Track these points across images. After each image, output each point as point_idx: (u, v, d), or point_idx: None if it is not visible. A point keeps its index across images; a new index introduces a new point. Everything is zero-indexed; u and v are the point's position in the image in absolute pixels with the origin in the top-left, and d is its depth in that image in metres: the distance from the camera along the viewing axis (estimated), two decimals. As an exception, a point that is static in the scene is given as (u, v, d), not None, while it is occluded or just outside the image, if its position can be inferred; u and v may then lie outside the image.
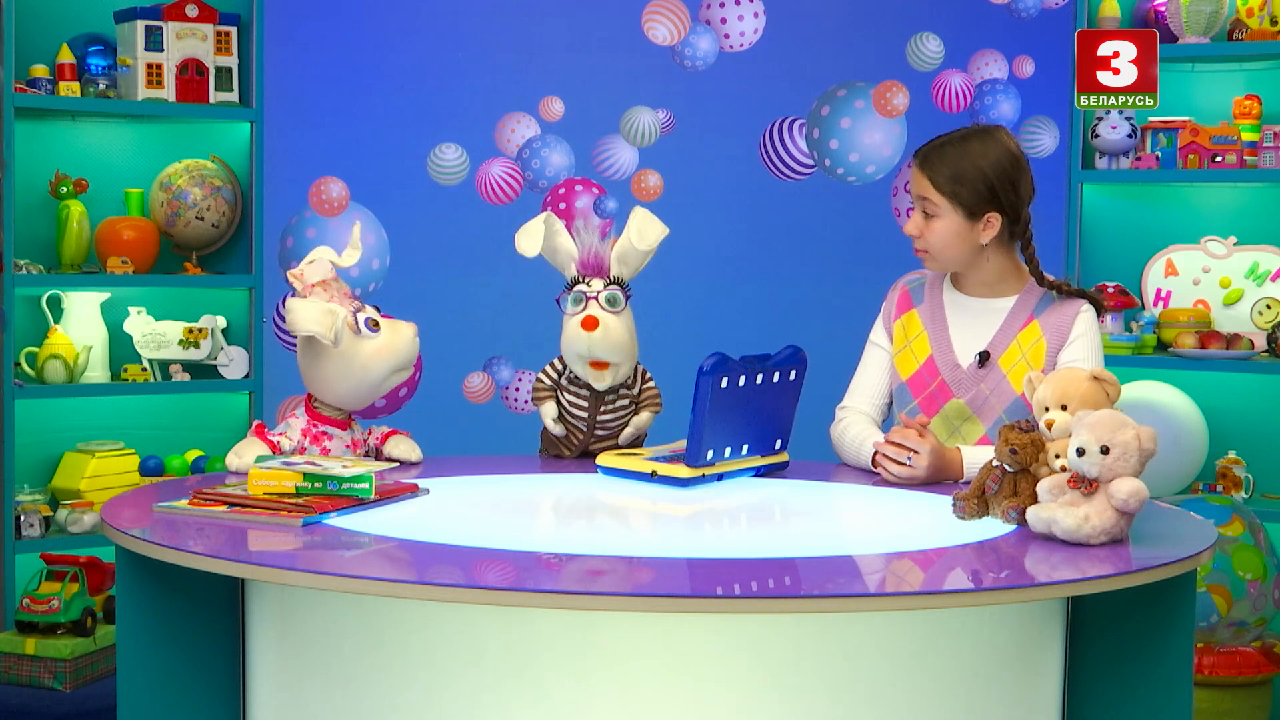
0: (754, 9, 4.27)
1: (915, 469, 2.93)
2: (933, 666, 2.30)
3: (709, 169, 4.74)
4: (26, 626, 3.77)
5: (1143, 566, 2.29)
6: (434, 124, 4.63)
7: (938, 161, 3.11)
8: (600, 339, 3.04)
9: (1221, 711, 4.21)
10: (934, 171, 3.11)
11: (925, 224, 3.12)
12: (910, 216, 3.17)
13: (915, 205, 3.15)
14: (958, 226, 3.10)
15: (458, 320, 4.60)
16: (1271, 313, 4.58)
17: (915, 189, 3.15)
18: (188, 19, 4.41)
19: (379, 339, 2.97)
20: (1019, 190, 3.11)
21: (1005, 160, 3.11)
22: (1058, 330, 3.10)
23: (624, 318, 3.09)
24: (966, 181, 3.08)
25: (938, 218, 3.11)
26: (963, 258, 3.14)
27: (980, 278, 3.17)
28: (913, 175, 3.16)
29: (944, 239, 3.11)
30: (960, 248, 3.12)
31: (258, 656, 2.53)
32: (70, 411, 4.44)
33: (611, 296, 3.08)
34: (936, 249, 3.13)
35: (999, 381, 3.10)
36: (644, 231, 3.09)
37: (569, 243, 3.12)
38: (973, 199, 3.08)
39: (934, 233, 3.12)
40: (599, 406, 3.13)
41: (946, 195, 3.09)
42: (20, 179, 4.27)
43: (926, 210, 3.12)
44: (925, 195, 3.11)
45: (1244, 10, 4.60)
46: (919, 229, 3.13)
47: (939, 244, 3.12)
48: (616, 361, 3.08)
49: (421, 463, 3.08)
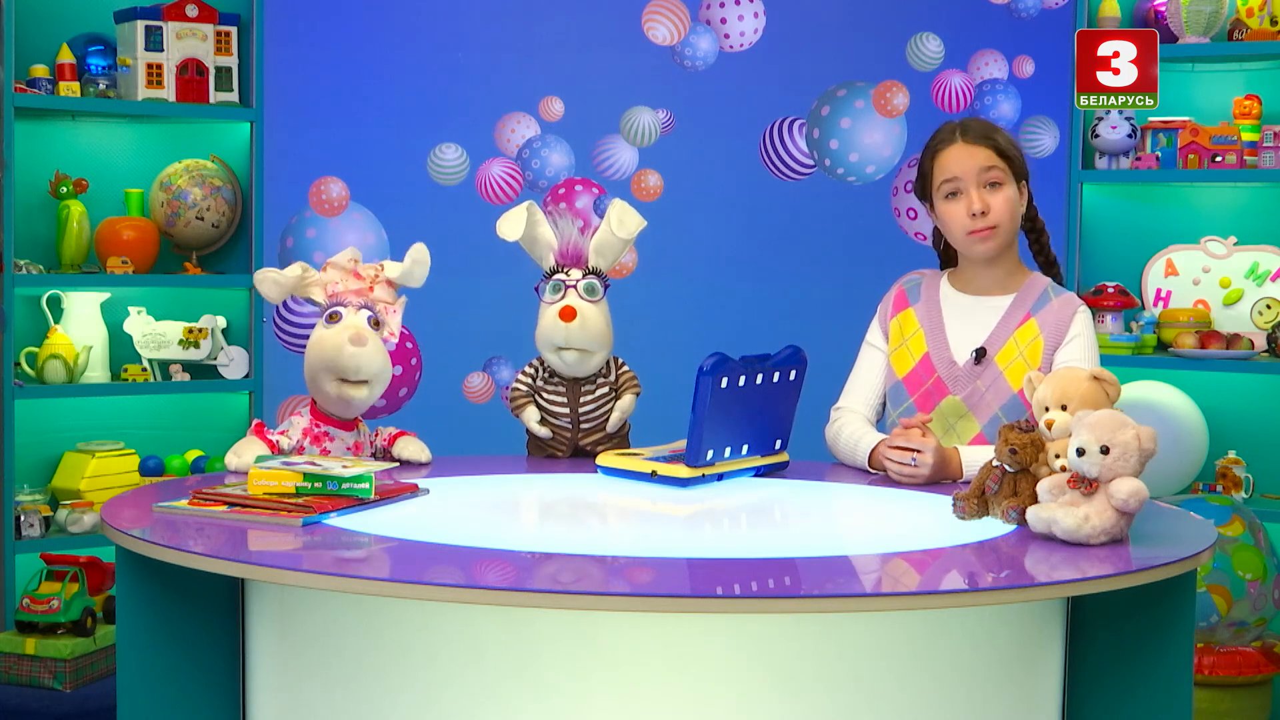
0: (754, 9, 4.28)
1: (920, 469, 2.93)
2: (932, 666, 2.30)
3: (709, 169, 4.74)
4: (26, 626, 3.77)
5: (1143, 566, 2.29)
6: (434, 124, 4.63)
7: (991, 130, 3.15)
8: (578, 329, 3.09)
9: (1221, 711, 4.21)
10: (994, 138, 3.12)
11: (991, 196, 3.11)
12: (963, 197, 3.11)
13: (971, 183, 3.10)
14: (1016, 196, 3.13)
15: (458, 320, 4.60)
16: (1271, 313, 4.58)
17: (973, 162, 3.10)
18: (188, 19, 4.41)
19: (321, 331, 2.96)
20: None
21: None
22: (1055, 328, 3.10)
23: (601, 308, 3.13)
24: (1013, 147, 3.15)
25: (1003, 186, 3.11)
26: (1014, 235, 3.16)
27: (995, 270, 3.16)
28: (963, 152, 3.12)
29: (1012, 209, 3.12)
30: (1017, 220, 3.15)
31: (258, 656, 2.53)
32: (70, 411, 4.44)
33: (590, 285, 3.12)
34: (1006, 221, 3.11)
35: (995, 378, 3.10)
36: (624, 220, 3.13)
37: (549, 233, 3.16)
38: (1020, 165, 3.15)
39: (1006, 202, 3.11)
40: (578, 397, 3.14)
41: (1009, 160, 3.12)
42: (20, 179, 4.27)
43: (993, 180, 3.11)
44: (992, 164, 3.10)
45: (1244, 10, 4.59)
46: (986, 204, 3.10)
47: (1008, 214, 3.11)
48: (592, 350, 3.11)
49: (431, 463, 3.08)
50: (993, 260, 3.15)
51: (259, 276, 2.98)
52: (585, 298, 3.11)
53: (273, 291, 2.98)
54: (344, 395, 2.94)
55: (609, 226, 3.13)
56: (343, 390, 2.94)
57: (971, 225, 3.11)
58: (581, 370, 3.14)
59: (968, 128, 3.16)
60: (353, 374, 2.92)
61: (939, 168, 3.15)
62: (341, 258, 3.02)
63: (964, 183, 3.11)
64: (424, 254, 3.04)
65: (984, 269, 3.17)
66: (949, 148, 3.15)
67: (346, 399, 2.95)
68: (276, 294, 2.99)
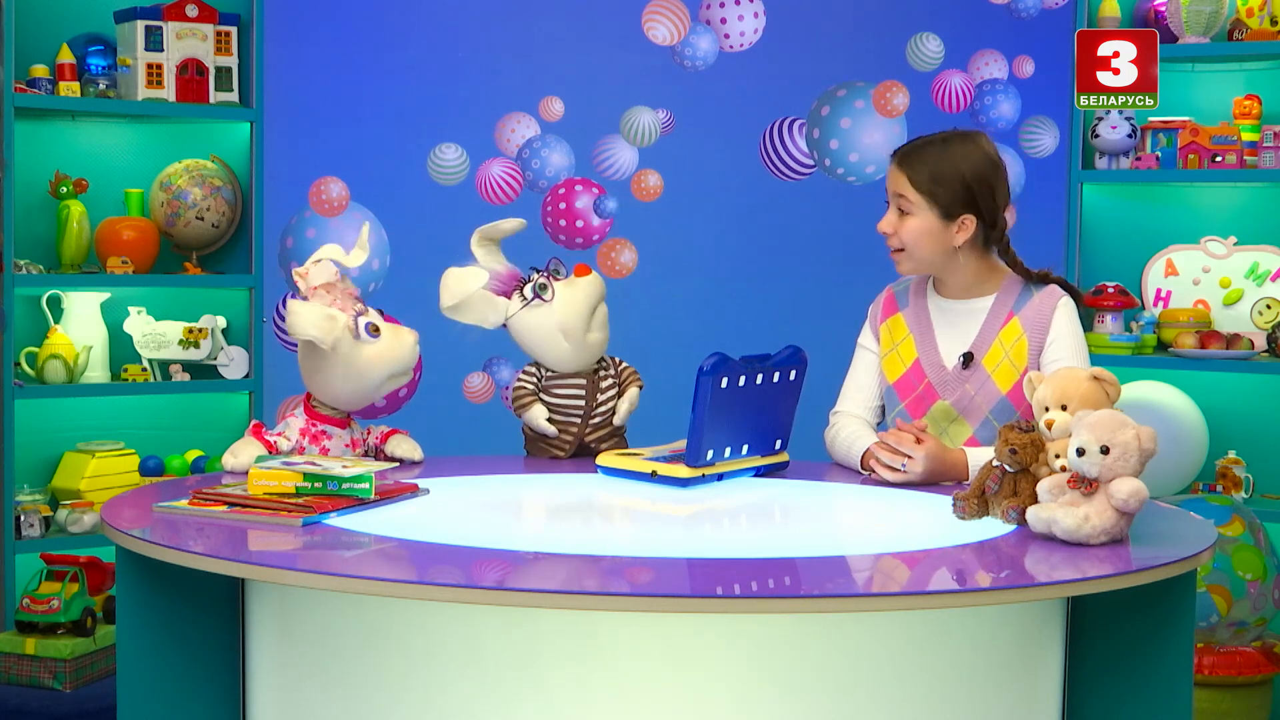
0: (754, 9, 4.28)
1: (908, 475, 2.94)
2: (932, 666, 2.30)
3: (709, 169, 4.74)
4: (26, 626, 3.77)
5: (1143, 566, 2.29)
6: (434, 124, 4.63)
7: (917, 161, 3.13)
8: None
9: (1221, 711, 4.21)
10: (913, 170, 3.12)
11: (900, 221, 3.13)
12: (885, 215, 3.17)
13: (890, 202, 3.15)
14: (931, 226, 3.11)
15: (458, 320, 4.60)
16: (1271, 313, 4.58)
17: (892, 186, 3.15)
18: (188, 19, 4.41)
19: (378, 344, 2.98)
20: (996, 195, 3.13)
21: (984, 165, 3.12)
22: (1037, 325, 3.10)
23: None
24: (945, 182, 3.10)
25: (912, 216, 3.12)
26: (935, 259, 3.14)
27: (957, 280, 3.18)
28: (890, 173, 3.16)
29: (917, 237, 3.12)
30: (932, 248, 3.12)
31: (258, 656, 2.53)
32: (70, 411, 4.44)
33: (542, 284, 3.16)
34: (910, 246, 3.13)
35: (984, 382, 3.11)
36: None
37: (483, 294, 3.18)
38: (949, 200, 3.10)
39: (908, 230, 3.13)
40: (597, 390, 3.14)
41: (924, 194, 3.10)
42: (20, 179, 4.27)
43: (902, 208, 3.13)
44: (902, 193, 3.12)
45: (1244, 10, 4.59)
46: (893, 226, 3.14)
47: (912, 241, 3.12)
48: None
49: (423, 462, 3.08)
50: (949, 270, 3.16)
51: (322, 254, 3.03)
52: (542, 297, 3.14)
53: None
54: (390, 392, 3.09)
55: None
56: (395, 385, 3.05)
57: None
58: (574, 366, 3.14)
59: (905, 152, 3.17)
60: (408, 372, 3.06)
61: None
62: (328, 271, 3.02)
63: (889, 198, 3.16)
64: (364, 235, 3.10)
65: (955, 274, 3.18)
66: (890, 163, 3.19)
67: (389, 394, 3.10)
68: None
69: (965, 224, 3.11)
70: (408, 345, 3.03)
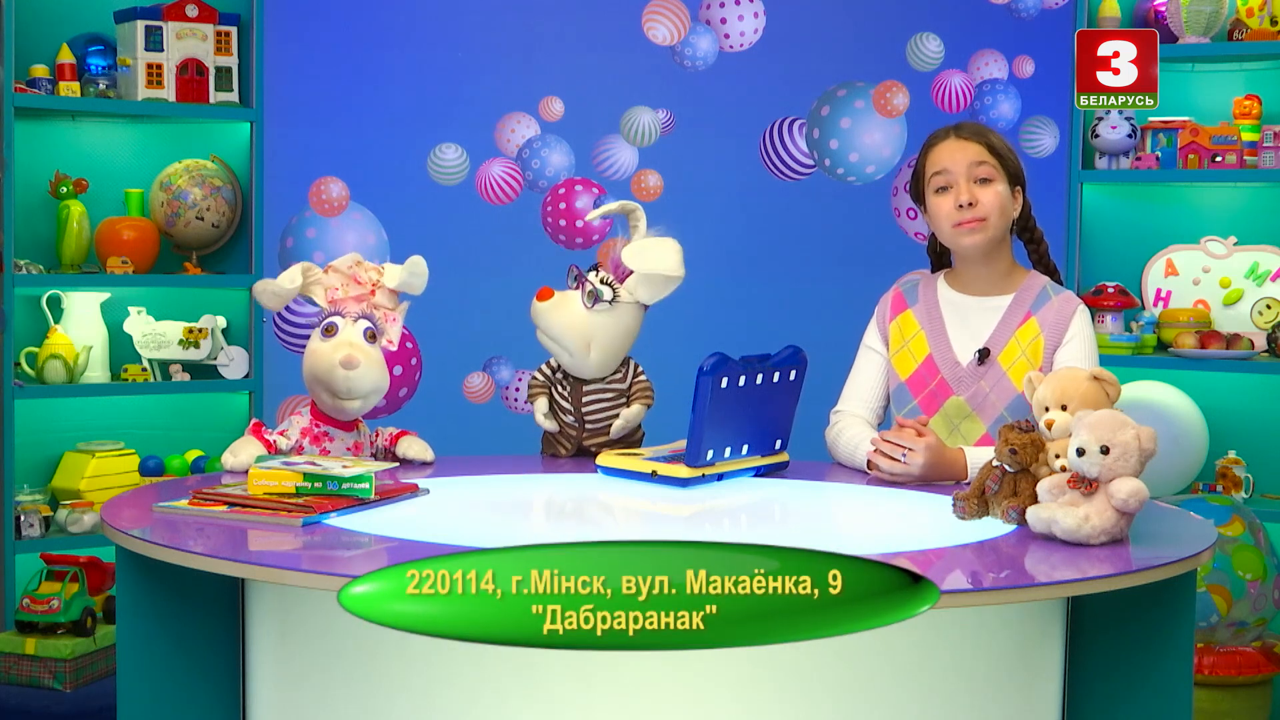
0: (754, 9, 4.28)
1: (909, 467, 2.93)
2: (933, 666, 2.30)
3: (709, 169, 4.74)
4: (26, 626, 3.77)
5: (1143, 566, 2.29)
6: (434, 124, 4.63)
7: (985, 131, 3.20)
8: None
9: (1221, 711, 4.21)
10: (987, 137, 3.17)
11: (980, 190, 3.13)
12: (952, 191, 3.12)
13: (962, 177, 3.12)
14: (1008, 195, 3.15)
15: (458, 320, 4.60)
16: (1271, 313, 4.58)
17: (963, 157, 3.13)
18: (188, 19, 4.41)
19: (321, 343, 2.96)
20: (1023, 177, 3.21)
21: None
22: (1055, 327, 3.10)
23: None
24: (1007, 152, 3.18)
25: (993, 182, 3.13)
26: (1003, 233, 3.16)
27: (989, 270, 3.16)
28: (955, 147, 3.15)
29: (1001, 205, 3.13)
30: (1007, 219, 3.16)
31: (258, 656, 2.53)
32: (70, 411, 4.44)
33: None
34: (993, 215, 3.12)
35: (999, 378, 3.10)
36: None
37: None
38: (1014, 169, 3.17)
39: (995, 197, 3.13)
40: (580, 398, 3.13)
41: (1000, 159, 3.15)
42: (20, 179, 4.27)
43: (982, 176, 3.13)
44: (983, 160, 3.13)
45: (1244, 10, 4.60)
46: (974, 196, 3.12)
47: (996, 209, 3.12)
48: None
49: (434, 463, 3.08)
50: (988, 260, 3.15)
51: (258, 289, 2.98)
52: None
53: (272, 302, 2.99)
54: (338, 406, 2.98)
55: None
56: (336, 401, 2.97)
57: (959, 217, 3.12)
58: (582, 371, 3.13)
59: (962, 126, 3.20)
60: (344, 395, 2.95)
61: (930, 161, 3.18)
62: (343, 263, 3.01)
63: (954, 175, 3.13)
64: (422, 266, 3.01)
65: (980, 269, 3.17)
66: (942, 143, 3.18)
67: (340, 409, 2.98)
68: (276, 304, 3.00)
69: (1017, 196, 3.17)
70: (329, 358, 2.92)
